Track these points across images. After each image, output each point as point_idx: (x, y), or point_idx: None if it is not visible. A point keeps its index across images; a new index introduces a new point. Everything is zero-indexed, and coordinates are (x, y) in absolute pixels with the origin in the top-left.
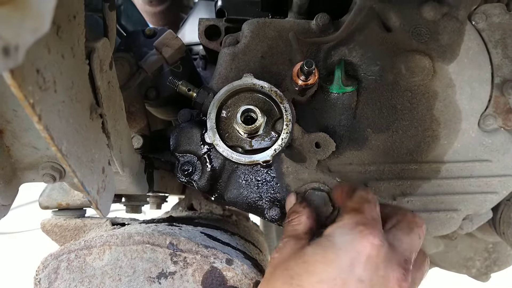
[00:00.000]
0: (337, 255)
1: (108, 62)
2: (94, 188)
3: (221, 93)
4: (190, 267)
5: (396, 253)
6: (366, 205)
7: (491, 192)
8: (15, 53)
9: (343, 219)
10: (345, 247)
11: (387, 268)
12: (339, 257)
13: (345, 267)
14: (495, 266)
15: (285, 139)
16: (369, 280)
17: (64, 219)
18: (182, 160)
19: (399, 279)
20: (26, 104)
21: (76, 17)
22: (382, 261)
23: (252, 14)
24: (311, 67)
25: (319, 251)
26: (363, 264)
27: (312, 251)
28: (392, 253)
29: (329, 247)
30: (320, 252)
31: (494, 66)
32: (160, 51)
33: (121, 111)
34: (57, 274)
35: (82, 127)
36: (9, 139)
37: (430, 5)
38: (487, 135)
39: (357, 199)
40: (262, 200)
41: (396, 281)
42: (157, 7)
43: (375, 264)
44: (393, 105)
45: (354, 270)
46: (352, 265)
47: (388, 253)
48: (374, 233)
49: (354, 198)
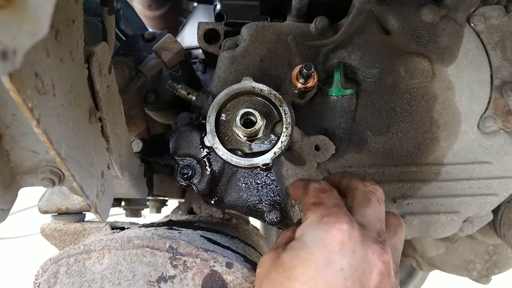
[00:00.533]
0: (311, 253)
1: (107, 66)
2: (93, 192)
3: (221, 96)
4: (190, 271)
5: (366, 230)
6: (323, 195)
7: (491, 194)
8: (13, 57)
9: (307, 217)
10: (316, 242)
11: (364, 248)
12: (313, 255)
13: (322, 263)
14: (496, 268)
15: (285, 142)
16: (349, 267)
17: (64, 224)
18: (181, 164)
19: (379, 254)
20: (25, 108)
21: (75, 21)
22: (356, 242)
23: (251, 18)
24: (310, 70)
25: (293, 254)
26: (339, 252)
27: (288, 257)
28: (363, 231)
29: (301, 248)
30: (295, 256)
31: (493, 68)
32: (159, 55)
33: (120, 115)
34: (56, 278)
35: (81, 131)
36: (8, 143)
37: (429, 7)
38: (487, 137)
39: (313, 192)
40: (262, 203)
41: (378, 257)
42: (156, 11)
43: (350, 249)
44: (392, 108)
45: (331, 262)
46: (328, 258)
47: (360, 232)
48: (340, 219)
49: (310, 193)
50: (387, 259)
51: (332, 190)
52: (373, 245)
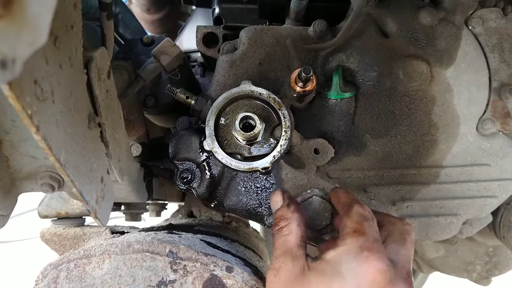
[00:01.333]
0: (343, 285)
1: (106, 71)
2: (93, 198)
3: (220, 100)
4: (190, 275)
5: (398, 269)
6: (366, 225)
7: (491, 196)
8: (13, 66)
9: (346, 243)
10: (351, 275)
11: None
12: (344, 286)
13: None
14: (495, 270)
15: (284, 146)
16: None
17: (63, 228)
18: (181, 168)
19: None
20: (24, 115)
21: (74, 27)
22: (388, 283)
23: (249, 21)
24: (309, 74)
25: (324, 280)
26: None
27: (317, 280)
28: (395, 270)
29: (334, 276)
30: (325, 281)
31: (491, 70)
32: (158, 59)
33: (120, 120)
34: (56, 283)
35: (80, 137)
36: (8, 149)
37: (427, 10)
38: (486, 139)
39: (356, 217)
40: (262, 206)
41: None
42: (155, 15)
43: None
44: (391, 111)
45: None
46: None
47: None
48: (379, 258)
49: (353, 217)
50: None
51: (374, 221)
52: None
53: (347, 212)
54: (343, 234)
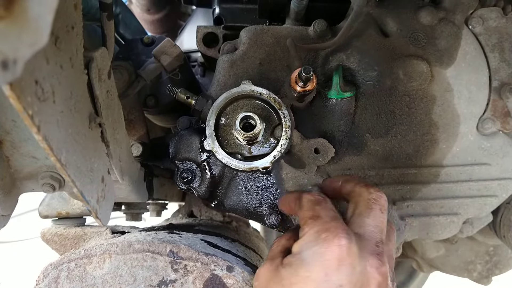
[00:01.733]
0: (310, 271)
1: (107, 71)
2: (93, 197)
3: (220, 100)
4: (190, 275)
5: (365, 241)
6: (318, 208)
7: (491, 196)
8: (14, 67)
9: (304, 232)
10: (314, 259)
11: (362, 262)
12: (312, 272)
13: (321, 280)
14: (496, 269)
15: (284, 145)
16: (348, 282)
17: (64, 228)
18: (181, 168)
19: (376, 267)
20: (25, 115)
21: (74, 28)
22: (355, 257)
23: (249, 21)
24: (309, 73)
25: (292, 271)
26: (337, 268)
27: (286, 273)
28: (361, 243)
29: (299, 265)
30: (294, 272)
31: (491, 70)
32: (159, 59)
33: (120, 120)
34: (57, 283)
35: (81, 137)
36: (9, 149)
37: (427, 10)
38: (486, 138)
39: (307, 205)
40: (262, 206)
41: (375, 270)
42: (155, 15)
43: (349, 264)
44: (391, 110)
45: (331, 279)
46: (327, 275)
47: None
48: (338, 235)
49: (304, 206)
50: (385, 271)
51: (327, 201)
52: (370, 258)
53: (299, 206)
54: (301, 225)
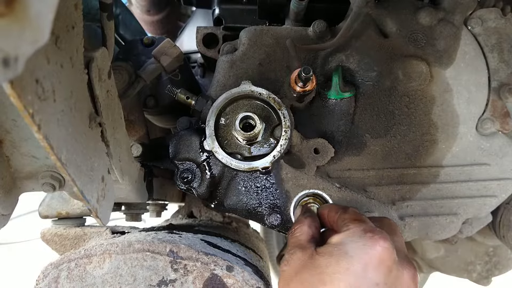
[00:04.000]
0: (350, 263)
1: (107, 71)
2: (93, 197)
3: (220, 100)
4: (190, 275)
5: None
6: (363, 216)
7: (490, 196)
8: (15, 64)
9: (349, 228)
10: (357, 253)
11: (399, 268)
12: (352, 264)
13: (360, 273)
14: (496, 269)
15: (284, 146)
16: (384, 283)
17: (64, 228)
18: (181, 168)
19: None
20: (26, 114)
21: (75, 27)
22: (393, 262)
23: (249, 22)
24: (309, 74)
25: (332, 260)
26: (376, 267)
27: (325, 261)
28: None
29: (341, 256)
30: (333, 262)
31: (490, 70)
32: (159, 59)
33: (120, 120)
34: (57, 283)
35: (81, 136)
36: (9, 149)
37: (426, 10)
38: (485, 138)
39: (353, 211)
40: (262, 206)
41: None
42: (155, 16)
43: (387, 267)
44: (391, 110)
45: (368, 275)
46: (366, 271)
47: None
48: (384, 237)
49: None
50: (417, 281)
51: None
52: (407, 266)
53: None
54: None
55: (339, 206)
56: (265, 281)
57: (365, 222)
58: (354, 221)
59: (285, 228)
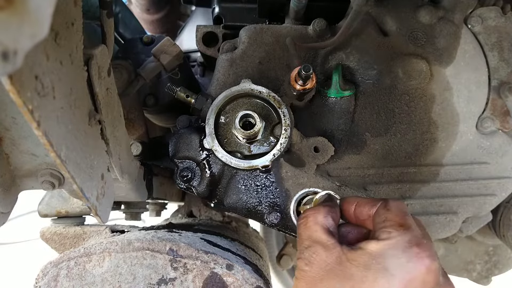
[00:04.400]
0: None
1: (107, 69)
2: (93, 195)
3: (219, 99)
4: (190, 273)
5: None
6: (408, 218)
7: (490, 195)
8: (14, 58)
9: (392, 237)
10: (399, 272)
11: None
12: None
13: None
14: (496, 269)
15: (284, 144)
16: None
17: (63, 227)
18: (181, 166)
19: None
20: (25, 110)
21: (74, 24)
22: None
23: (249, 21)
24: (309, 72)
25: (369, 275)
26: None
27: (360, 274)
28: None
29: (380, 272)
30: (370, 277)
31: (490, 69)
32: (158, 58)
33: (120, 118)
34: (56, 282)
35: (81, 133)
36: (8, 146)
37: (426, 9)
38: (485, 137)
39: (397, 211)
40: (262, 205)
41: None
42: (154, 15)
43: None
44: (391, 109)
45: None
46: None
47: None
48: (431, 256)
49: (393, 210)
50: None
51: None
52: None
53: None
54: (384, 227)
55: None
56: (265, 280)
57: (411, 229)
58: (399, 227)
59: (285, 226)
